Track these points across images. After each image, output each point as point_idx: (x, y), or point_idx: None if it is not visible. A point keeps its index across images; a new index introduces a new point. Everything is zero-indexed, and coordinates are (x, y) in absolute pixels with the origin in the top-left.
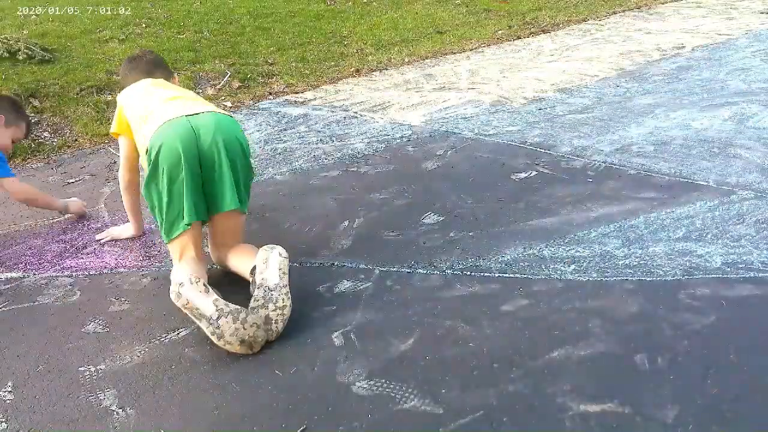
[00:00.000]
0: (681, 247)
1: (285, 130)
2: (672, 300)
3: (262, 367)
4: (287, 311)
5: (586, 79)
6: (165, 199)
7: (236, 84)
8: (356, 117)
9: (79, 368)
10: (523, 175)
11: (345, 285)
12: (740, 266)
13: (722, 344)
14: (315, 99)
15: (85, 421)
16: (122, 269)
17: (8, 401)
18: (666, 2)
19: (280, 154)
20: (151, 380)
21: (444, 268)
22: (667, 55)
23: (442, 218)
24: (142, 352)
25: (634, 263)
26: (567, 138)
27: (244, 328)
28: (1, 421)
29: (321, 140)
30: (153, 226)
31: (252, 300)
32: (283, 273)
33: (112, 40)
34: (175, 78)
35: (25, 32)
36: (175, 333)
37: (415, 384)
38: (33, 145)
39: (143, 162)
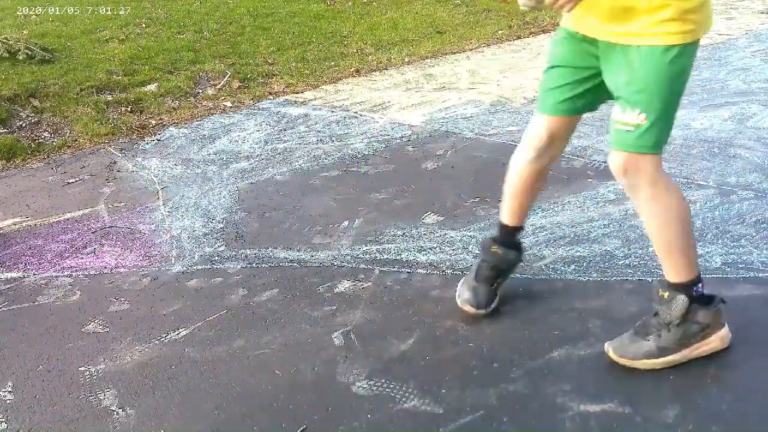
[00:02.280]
0: None
1: (285, 130)
2: None
3: (262, 367)
4: None
5: None
6: None
7: (236, 84)
8: (356, 117)
9: (79, 368)
10: None
11: (345, 285)
12: (740, 266)
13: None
14: (315, 99)
15: (85, 421)
16: (122, 269)
17: (8, 401)
18: None
19: (280, 154)
20: (151, 380)
21: (444, 268)
22: None
23: (442, 218)
24: (142, 352)
25: (634, 263)
26: None
27: None
28: (1, 421)
29: (321, 140)
30: (152, 225)
31: None
32: None
33: (112, 40)
34: None
35: (25, 32)
36: (175, 333)
37: (415, 384)
38: (33, 145)
39: None
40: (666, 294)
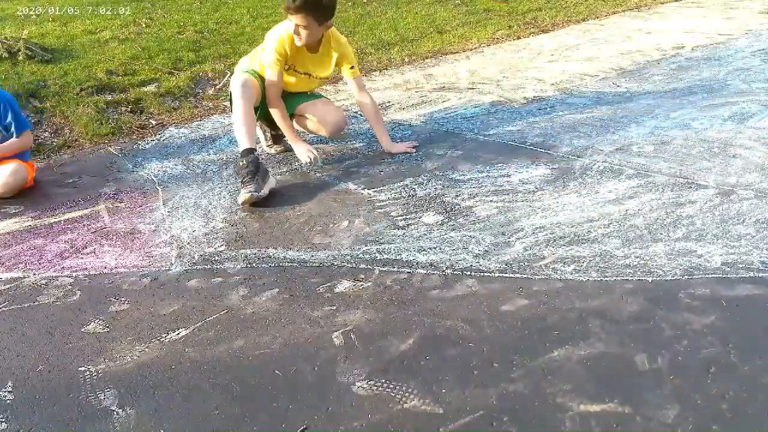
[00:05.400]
0: (681, 247)
1: None
2: (672, 300)
3: (262, 367)
4: None
5: (586, 79)
6: None
7: None
8: (356, 117)
9: (79, 368)
10: (523, 175)
11: (345, 285)
12: (740, 266)
13: (722, 344)
14: None
15: (85, 421)
16: (122, 269)
17: (8, 401)
18: (666, 2)
19: (280, 153)
20: (151, 380)
21: (444, 268)
22: (667, 55)
23: (442, 218)
24: (142, 352)
25: (634, 263)
26: (567, 138)
27: None
28: (1, 421)
29: (321, 140)
30: (152, 225)
31: None
32: None
33: (112, 40)
34: None
35: (25, 32)
36: (175, 333)
37: (415, 384)
38: (33, 146)
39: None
40: None
